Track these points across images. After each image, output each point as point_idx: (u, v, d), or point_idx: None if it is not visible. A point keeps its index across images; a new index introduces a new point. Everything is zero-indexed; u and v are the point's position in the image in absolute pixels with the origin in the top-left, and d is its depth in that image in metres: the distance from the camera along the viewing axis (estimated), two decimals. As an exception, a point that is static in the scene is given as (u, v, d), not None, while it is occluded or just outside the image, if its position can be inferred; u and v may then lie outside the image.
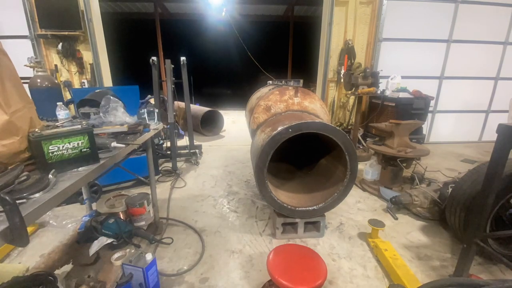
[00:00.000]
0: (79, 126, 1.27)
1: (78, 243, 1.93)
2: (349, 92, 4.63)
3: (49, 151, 1.10)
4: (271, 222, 2.69)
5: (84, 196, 2.50)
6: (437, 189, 2.81)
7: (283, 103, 2.80)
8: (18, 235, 0.75)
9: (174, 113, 4.45)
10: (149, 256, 1.67)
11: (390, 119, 4.03)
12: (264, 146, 2.11)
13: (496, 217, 2.01)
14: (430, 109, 5.41)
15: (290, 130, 2.08)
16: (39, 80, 3.20)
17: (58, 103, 1.90)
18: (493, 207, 1.88)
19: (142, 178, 3.36)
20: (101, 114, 1.82)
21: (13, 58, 1.16)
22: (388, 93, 5.11)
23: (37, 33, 4.70)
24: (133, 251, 1.77)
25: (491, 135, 5.98)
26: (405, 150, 3.11)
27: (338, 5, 5.13)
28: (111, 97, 1.89)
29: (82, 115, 2.08)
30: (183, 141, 5.40)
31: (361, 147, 4.97)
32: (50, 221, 2.72)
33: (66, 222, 2.70)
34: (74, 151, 1.17)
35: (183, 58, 4.30)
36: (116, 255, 1.75)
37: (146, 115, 2.30)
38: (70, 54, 4.90)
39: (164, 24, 10.05)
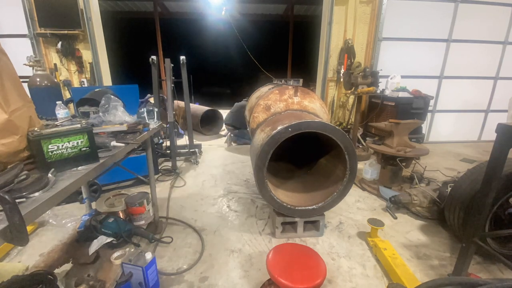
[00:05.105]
0: (79, 125, 1.27)
1: (77, 242, 1.93)
2: (349, 91, 4.63)
3: (49, 150, 1.10)
4: (271, 221, 2.69)
5: (84, 195, 2.50)
6: (436, 188, 2.81)
7: (282, 102, 2.80)
8: (17, 234, 0.75)
9: (174, 112, 4.45)
10: (148, 255, 1.67)
11: (389, 118, 4.04)
12: (264, 145, 2.11)
13: (495, 216, 2.01)
14: (430, 108, 5.43)
15: (289, 129, 2.08)
16: (38, 79, 3.18)
17: (57, 102, 1.89)
18: (492, 206, 1.88)
19: (141, 177, 3.36)
20: (100, 113, 1.82)
21: (12, 57, 1.16)
22: (387, 92, 5.12)
23: (37, 32, 4.69)
24: (132, 250, 1.77)
25: (491, 135, 5.99)
26: (404, 150, 3.11)
27: (338, 4, 5.12)
28: (111, 96, 1.89)
29: (82, 114, 2.08)
30: (183, 140, 5.40)
31: (360, 146, 4.98)
32: (50, 220, 2.72)
33: (65, 221, 2.70)
34: (73, 150, 1.17)
35: (182, 57, 4.29)
36: (115, 254, 1.75)
37: (145, 114, 2.30)
38: (70, 53, 4.89)
39: (163, 23, 10.02)
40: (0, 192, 0.74)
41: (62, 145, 1.13)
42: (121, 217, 2.19)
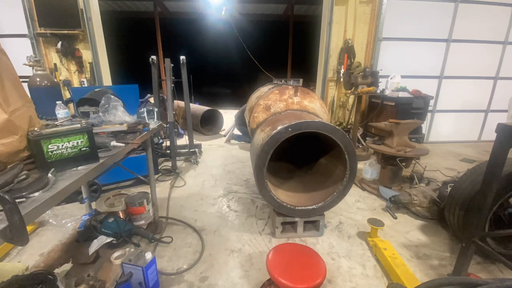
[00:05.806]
0: (79, 125, 1.27)
1: (77, 242, 1.93)
2: (349, 91, 4.63)
3: (49, 150, 1.10)
4: (271, 221, 2.69)
5: (84, 195, 2.50)
6: (436, 188, 2.81)
7: (282, 102, 2.80)
8: (17, 234, 0.75)
9: (174, 112, 4.45)
10: (148, 255, 1.67)
11: (389, 118, 4.04)
12: (264, 145, 2.11)
13: (495, 216, 2.01)
14: (430, 108, 5.43)
15: (289, 129, 2.08)
16: (38, 79, 3.19)
17: (57, 102, 1.89)
18: (492, 206, 1.88)
19: (141, 177, 3.36)
20: (100, 113, 1.82)
21: (12, 57, 1.16)
22: (387, 92, 5.12)
23: (37, 32, 4.69)
24: (132, 250, 1.77)
25: (490, 135, 5.99)
26: (404, 150, 3.11)
27: (338, 4, 5.12)
28: (111, 96, 1.89)
29: (82, 114, 2.08)
30: (183, 140, 5.40)
31: (360, 146, 4.98)
32: (50, 220, 2.72)
33: (65, 221, 2.70)
34: (73, 150, 1.17)
35: (182, 57, 4.29)
36: (115, 254, 1.75)
37: (145, 114, 2.30)
38: (70, 53, 4.89)
39: (163, 23, 10.03)
40: (0, 192, 0.74)
41: (62, 145, 1.13)
42: (121, 217, 2.19)
